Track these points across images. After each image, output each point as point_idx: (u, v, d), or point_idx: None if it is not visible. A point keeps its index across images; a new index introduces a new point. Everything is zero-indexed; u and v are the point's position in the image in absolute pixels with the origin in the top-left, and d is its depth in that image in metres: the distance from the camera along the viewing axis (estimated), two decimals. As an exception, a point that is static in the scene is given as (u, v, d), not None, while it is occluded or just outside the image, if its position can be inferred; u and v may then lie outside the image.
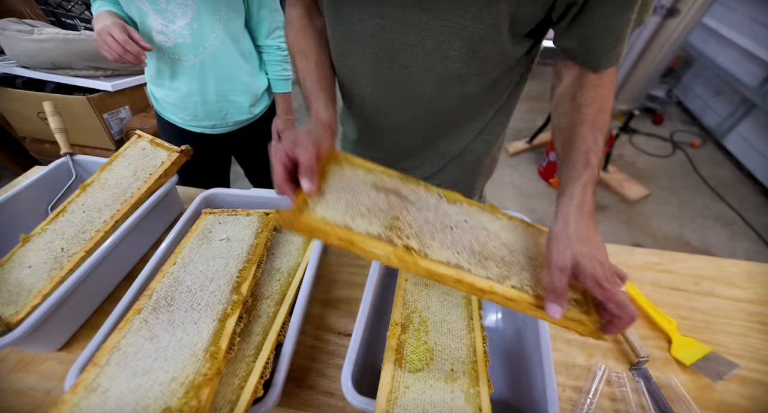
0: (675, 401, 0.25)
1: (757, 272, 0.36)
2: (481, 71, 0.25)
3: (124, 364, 0.18)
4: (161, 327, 0.20)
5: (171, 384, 0.18)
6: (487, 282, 0.19)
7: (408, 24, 0.21)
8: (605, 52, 0.21)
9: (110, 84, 0.73)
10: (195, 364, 0.19)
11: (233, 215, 0.30)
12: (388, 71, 0.25)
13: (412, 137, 0.32)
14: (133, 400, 0.17)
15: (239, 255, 0.26)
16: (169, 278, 0.24)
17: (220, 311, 0.22)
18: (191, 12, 0.42)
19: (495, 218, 0.24)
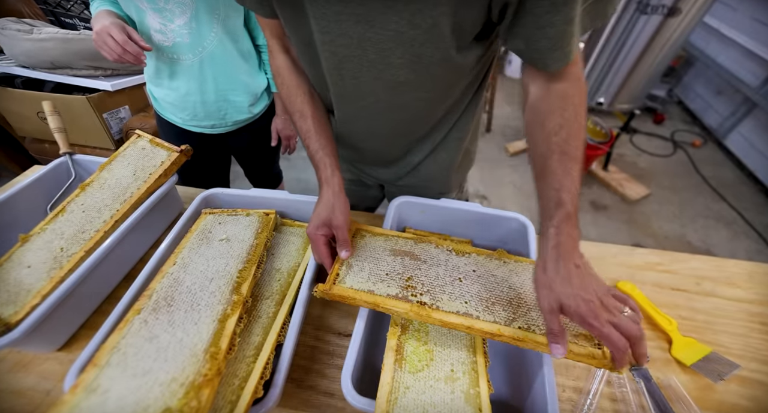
0: (675, 401, 0.25)
1: (758, 273, 0.36)
2: (430, 78, 0.24)
3: (124, 365, 0.18)
4: (161, 327, 0.20)
5: (171, 385, 0.18)
6: (495, 326, 0.22)
7: (347, 36, 0.21)
8: (550, 52, 0.21)
9: (110, 84, 0.73)
10: (195, 365, 0.19)
11: (233, 215, 0.30)
12: (341, 83, 0.25)
13: (377, 144, 0.33)
14: (133, 401, 0.17)
15: (239, 255, 0.26)
16: (169, 278, 0.23)
17: (220, 311, 0.22)
18: (190, 11, 0.42)
19: (503, 264, 0.27)
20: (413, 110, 0.28)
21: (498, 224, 0.33)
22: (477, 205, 0.34)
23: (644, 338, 0.18)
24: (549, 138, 0.21)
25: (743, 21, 1.29)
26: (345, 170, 0.43)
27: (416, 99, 0.27)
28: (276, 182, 0.72)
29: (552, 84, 0.22)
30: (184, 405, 0.17)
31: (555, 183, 0.20)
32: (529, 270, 0.26)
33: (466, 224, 0.34)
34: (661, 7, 1.10)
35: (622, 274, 0.35)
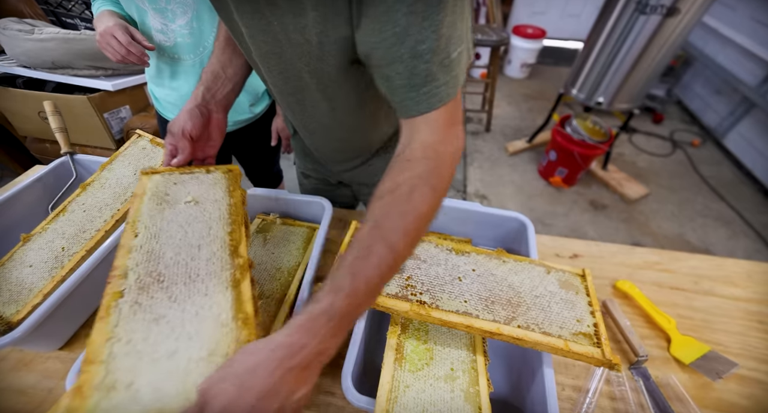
0: (674, 400, 0.26)
1: (756, 272, 0.36)
2: (337, 91, 0.23)
3: (137, 353, 0.16)
4: (162, 305, 0.18)
5: (211, 358, 0.16)
6: (495, 325, 0.22)
7: (264, 33, 0.20)
8: (405, 92, 0.17)
9: (111, 83, 0.73)
10: (229, 334, 0.17)
11: (190, 173, 0.26)
12: (270, 75, 0.24)
13: (322, 136, 0.31)
14: (171, 385, 0.15)
15: (221, 217, 0.23)
16: (141, 252, 0.20)
17: (229, 277, 0.19)
18: (191, 11, 0.42)
19: (502, 263, 0.26)
20: (335, 117, 0.26)
21: (498, 223, 0.34)
22: (477, 204, 0.34)
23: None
24: (373, 201, 0.17)
25: (742, 21, 1.30)
26: (311, 169, 0.42)
27: (332, 108, 0.25)
28: (276, 181, 0.72)
29: (412, 138, 0.18)
30: None
31: (347, 260, 0.16)
32: (528, 269, 0.26)
33: (465, 224, 0.34)
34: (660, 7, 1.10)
35: (621, 273, 0.36)
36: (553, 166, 1.18)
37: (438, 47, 0.16)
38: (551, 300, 0.24)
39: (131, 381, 0.16)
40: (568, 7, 1.80)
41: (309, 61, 0.21)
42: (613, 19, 1.19)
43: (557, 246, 0.38)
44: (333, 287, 0.15)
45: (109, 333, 0.17)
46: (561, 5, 1.79)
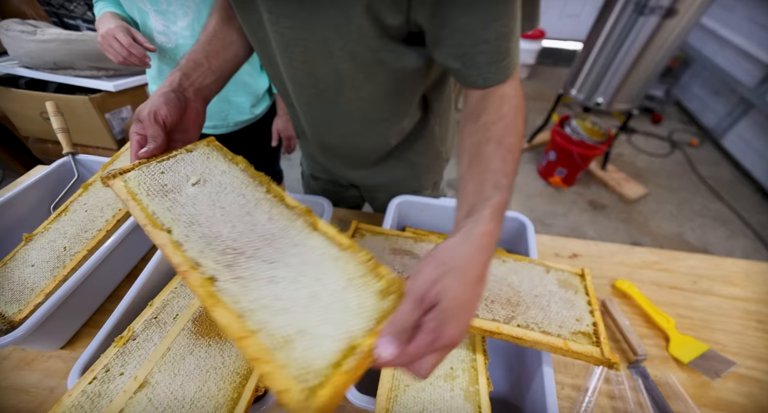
0: (673, 399, 0.26)
1: (754, 271, 0.36)
2: (367, 78, 0.23)
3: (280, 310, 0.14)
4: (264, 268, 0.16)
5: (355, 282, 0.15)
6: (494, 324, 0.21)
7: (293, 18, 0.20)
8: (486, 66, 0.20)
9: (112, 84, 0.73)
10: (350, 260, 0.15)
11: (168, 159, 0.21)
12: (290, 66, 0.24)
13: (333, 135, 0.31)
14: (339, 317, 0.14)
15: (244, 182, 0.20)
16: (193, 241, 0.17)
17: (303, 223, 0.18)
18: (192, 13, 0.43)
19: (502, 262, 0.26)
20: (357, 109, 0.26)
21: (497, 223, 0.34)
22: (476, 204, 0.34)
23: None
24: (486, 127, 0.20)
25: (740, 22, 1.30)
26: (320, 170, 0.42)
27: (357, 98, 0.25)
28: (277, 181, 0.72)
29: (487, 100, 0.21)
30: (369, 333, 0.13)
31: (492, 166, 0.18)
32: (528, 269, 0.26)
33: (465, 224, 0.35)
34: (659, 8, 1.11)
35: (621, 273, 0.36)
36: (552, 166, 1.18)
37: (515, 27, 0.19)
38: (551, 300, 0.24)
39: (300, 329, 0.14)
40: (567, 8, 1.80)
41: (345, 45, 0.21)
42: (612, 20, 1.19)
43: (557, 246, 0.38)
44: (494, 184, 0.18)
45: (235, 312, 0.14)
46: (560, 5, 1.79)
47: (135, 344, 0.22)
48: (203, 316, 0.24)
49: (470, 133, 0.21)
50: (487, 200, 0.16)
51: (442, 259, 0.14)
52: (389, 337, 0.13)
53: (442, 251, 0.15)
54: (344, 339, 0.14)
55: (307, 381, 0.12)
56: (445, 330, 0.13)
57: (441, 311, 0.13)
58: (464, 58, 0.20)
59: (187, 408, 0.19)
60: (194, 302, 0.25)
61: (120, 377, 0.20)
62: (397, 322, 0.13)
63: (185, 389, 0.20)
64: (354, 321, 0.14)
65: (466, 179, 0.19)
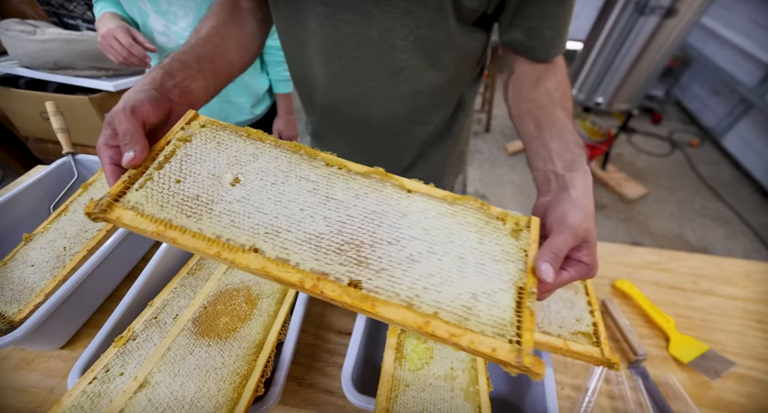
0: (673, 398, 0.26)
1: (754, 271, 0.36)
2: (432, 64, 0.24)
3: (438, 285, 0.14)
4: (400, 254, 0.15)
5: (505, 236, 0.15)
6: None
7: (352, 11, 0.21)
8: (552, 40, 0.22)
9: (112, 84, 0.73)
10: (481, 219, 0.16)
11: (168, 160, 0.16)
12: (338, 63, 0.24)
13: (367, 134, 0.30)
14: (497, 283, 0.14)
15: (296, 162, 0.17)
16: (300, 251, 0.14)
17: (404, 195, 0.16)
18: (192, 13, 0.43)
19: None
20: (409, 101, 0.27)
21: (497, 223, 0.34)
22: (476, 204, 0.34)
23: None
24: (549, 93, 0.22)
25: (740, 22, 1.30)
26: None
27: (414, 91, 0.26)
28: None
29: (541, 65, 0.23)
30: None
31: (569, 127, 0.20)
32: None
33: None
34: (659, 8, 1.11)
35: (621, 273, 0.36)
36: (552, 166, 1.18)
37: (575, 3, 0.21)
38: (550, 300, 0.24)
39: (472, 294, 0.14)
40: (567, 9, 1.81)
41: (410, 33, 0.22)
42: (612, 20, 1.19)
43: (556, 246, 0.38)
44: (577, 143, 0.20)
45: (402, 304, 0.14)
46: (560, 6, 1.80)
47: (135, 344, 0.22)
48: (203, 316, 0.24)
49: (531, 98, 0.22)
50: (580, 157, 0.19)
51: (582, 203, 0.17)
52: (548, 264, 0.15)
53: (577, 197, 0.17)
54: (511, 284, 0.15)
55: (507, 334, 0.13)
56: (596, 262, 0.16)
57: (592, 247, 0.16)
58: (530, 31, 0.22)
59: (187, 408, 0.19)
60: (194, 302, 0.25)
61: (120, 377, 0.20)
62: (554, 250, 0.15)
63: (185, 389, 0.20)
64: (508, 266, 0.15)
65: (545, 139, 0.20)
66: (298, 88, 0.30)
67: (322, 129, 0.33)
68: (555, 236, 0.16)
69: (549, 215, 0.17)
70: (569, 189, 0.18)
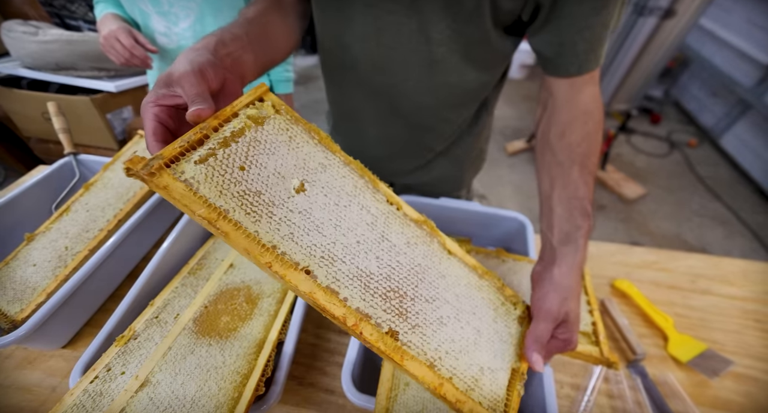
0: (671, 397, 0.26)
1: (752, 271, 0.36)
2: (465, 58, 0.24)
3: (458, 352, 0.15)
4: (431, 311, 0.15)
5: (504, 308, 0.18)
6: None
7: (395, 1, 0.21)
8: (585, 54, 0.21)
9: (113, 85, 0.73)
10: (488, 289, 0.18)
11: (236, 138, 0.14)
12: (375, 52, 0.24)
13: (394, 127, 0.31)
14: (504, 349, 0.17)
15: (372, 200, 0.16)
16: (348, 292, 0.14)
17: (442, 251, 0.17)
18: (194, 14, 0.43)
19: (501, 262, 0.25)
20: (441, 95, 0.27)
21: (497, 223, 0.34)
22: (476, 204, 0.34)
23: None
24: (571, 148, 0.21)
25: (738, 23, 1.31)
26: None
27: (446, 84, 0.26)
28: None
29: (574, 96, 0.22)
30: None
31: (579, 193, 0.20)
32: (527, 269, 0.26)
33: (465, 224, 0.35)
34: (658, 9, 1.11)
35: (620, 272, 0.36)
36: (552, 167, 1.18)
37: (614, 18, 0.20)
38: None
39: (480, 367, 0.16)
40: (566, 10, 1.81)
41: (447, 27, 0.22)
42: (610, 22, 1.19)
43: (555, 246, 0.38)
44: (582, 212, 0.20)
45: (426, 363, 0.15)
46: (559, 8, 1.80)
47: (136, 343, 0.22)
48: (204, 315, 0.24)
49: (553, 150, 0.22)
50: (579, 230, 0.20)
51: (562, 286, 0.19)
52: (536, 352, 0.17)
53: (559, 279, 0.19)
54: (509, 365, 0.17)
55: (498, 409, 0.16)
56: (573, 338, 0.18)
57: (569, 325, 0.18)
58: (562, 46, 0.21)
59: (188, 407, 0.19)
60: (195, 301, 0.25)
61: (121, 376, 0.20)
62: (538, 338, 0.18)
63: (186, 388, 0.20)
64: (510, 349, 0.17)
65: (553, 201, 0.21)
66: (329, 78, 0.30)
67: (348, 121, 0.33)
68: (537, 323, 0.18)
69: (534, 292, 0.19)
70: (554, 267, 0.19)
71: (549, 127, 0.23)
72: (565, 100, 0.23)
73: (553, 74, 0.23)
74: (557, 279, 0.19)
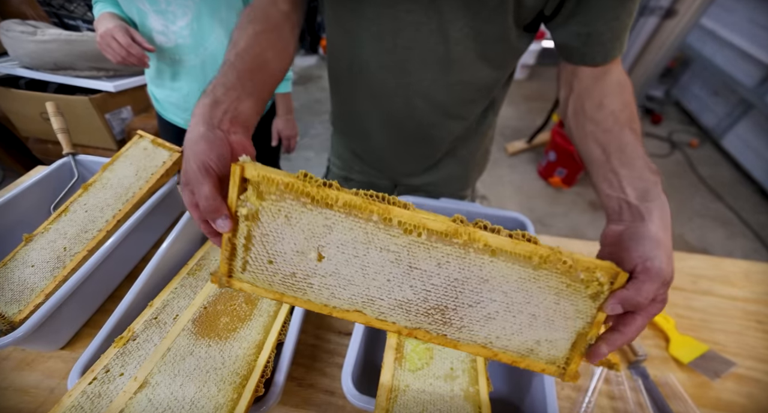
0: (672, 399, 0.26)
1: (754, 272, 0.36)
2: (481, 57, 0.24)
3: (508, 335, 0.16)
4: (477, 312, 0.16)
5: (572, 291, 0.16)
6: None
7: (415, 1, 0.21)
8: (611, 43, 0.21)
9: (112, 85, 0.73)
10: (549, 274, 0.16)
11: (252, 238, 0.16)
12: (390, 52, 0.24)
13: (404, 127, 0.31)
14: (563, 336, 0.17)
15: (388, 237, 0.15)
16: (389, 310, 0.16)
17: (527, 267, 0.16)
18: (191, 12, 0.42)
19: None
20: (454, 92, 0.27)
21: (497, 223, 0.33)
22: (477, 204, 0.34)
23: None
24: (615, 115, 0.21)
25: (739, 23, 1.31)
26: (357, 171, 0.40)
27: (461, 82, 0.26)
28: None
29: (603, 75, 0.22)
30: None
31: (640, 152, 0.19)
32: None
33: (465, 224, 0.35)
34: (659, 8, 1.11)
35: (620, 273, 0.36)
36: (552, 166, 1.18)
37: (637, 6, 0.20)
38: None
39: (536, 340, 0.16)
40: (566, 9, 1.81)
41: (465, 25, 0.22)
42: (611, 21, 1.18)
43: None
44: (650, 169, 0.19)
45: (478, 344, 0.17)
46: (560, 7, 1.80)
47: (135, 344, 0.22)
48: (203, 316, 0.24)
49: (595, 120, 0.21)
50: (656, 185, 0.19)
51: (664, 243, 0.16)
52: (618, 305, 0.15)
53: (658, 235, 0.17)
54: (574, 333, 0.17)
55: (558, 364, 0.17)
56: (667, 298, 0.16)
57: (668, 286, 0.16)
58: (588, 37, 0.21)
59: (187, 408, 0.19)
60: (194, 302, 0.25)
61: (120, 377, 0.20)
62: (644, 298, 0.15)
63: (185, 389, 0.20)
64: (576, 322, 0.16)
65: (614, 165, 0.20)
66: (336, 79, 0.30)
67: (355, 125, 0.33)
68: (642, 284, 0.15)
69: (628, 250, 0.16)
70: (647, 223, 0.17)
71: (582, 102, 0.22)
72: (593, 79, 0.22)
73: (578, 63, 0.23)
74: (657, 236, 0.16)
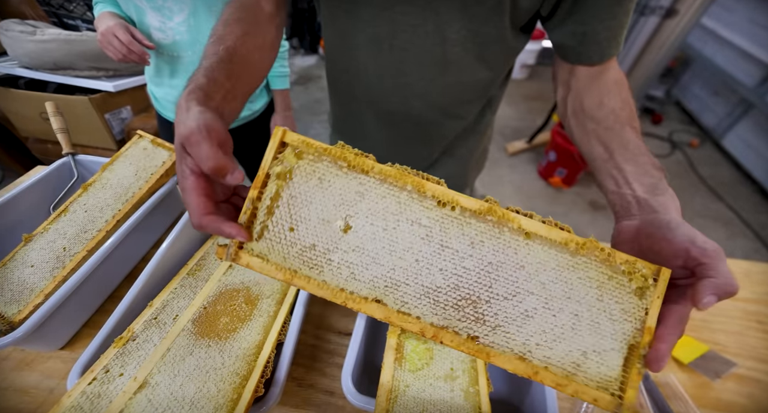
0: (673, 399, 0.26)
1: (754, 272, 0.36)
2: (478, 57, 0.24)
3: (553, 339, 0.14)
4: (515, 309, 0.15)
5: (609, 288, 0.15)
6: None
7: (412, 3, 0.21)
8: (607, 42, 0.21)
9: (112, 84, 0.73)
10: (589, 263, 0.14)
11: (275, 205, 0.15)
12: (386, 53, 0.24)
13: (402, 126, 0.31)
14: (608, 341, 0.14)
15: (422, 209, 0.15)
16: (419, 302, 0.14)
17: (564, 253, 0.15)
18: (188, 8, 0.42)
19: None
20: (451, 93, 0.27)
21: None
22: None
23: None
24: (616, 113, 0.21)
25: (740, 22, 1.30)
26: None
27: (458, 82, 0.26)
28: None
29: (600, 74, 0.22)
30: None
31: (643, 149, 0.19)
32: None
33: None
34: (659, 8, 1.11)
35: (620, 273, 0.36)
36: (552, 166, 1.18)
37: (634, 5, 0.20)
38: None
39: (582, 351, 0.14)
40: (567, 9, 1.81)
41: (463, 26, 0.22)
42: (611, 21, 1.18)
43: (556, 246, 0.38)
44: (654, 165, 0.19)
45: (515, 356, 0.14)
46: (560, 7, 1.80)
47: (135, 344, 0.22)
48: (203, 317, 0.24)
49: (595, 118, 0.22)
50: (661, 180, 0.19)
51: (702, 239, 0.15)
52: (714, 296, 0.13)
53: (687, 229, 0.15)
54: (624, 344, 0.14)
55: (611, 388, 0.14)
56: None
57: None
58: (585, 36, 0.21)
59: (187, 408, 0.19)
60: (194, 302, 0.25)
61: (119, 378, 0.20)
62: (726, 282, 0.13)
63: (185, 390, 0.20)
64: (624, 326, 0.14)
65: (618, 162, 0.20)
66: (333, 81, 0.30)
67: (352, 125, 0.33)
68: (719, 263, 0.13)
69: (667, 239, 0.15)
70: (668, 212, 0.17)
71: (581, 101, 0.23)
72: (591, 78, 0.23)
73: (575, 62, 0.23)
74: (682, 222, 0.16)
